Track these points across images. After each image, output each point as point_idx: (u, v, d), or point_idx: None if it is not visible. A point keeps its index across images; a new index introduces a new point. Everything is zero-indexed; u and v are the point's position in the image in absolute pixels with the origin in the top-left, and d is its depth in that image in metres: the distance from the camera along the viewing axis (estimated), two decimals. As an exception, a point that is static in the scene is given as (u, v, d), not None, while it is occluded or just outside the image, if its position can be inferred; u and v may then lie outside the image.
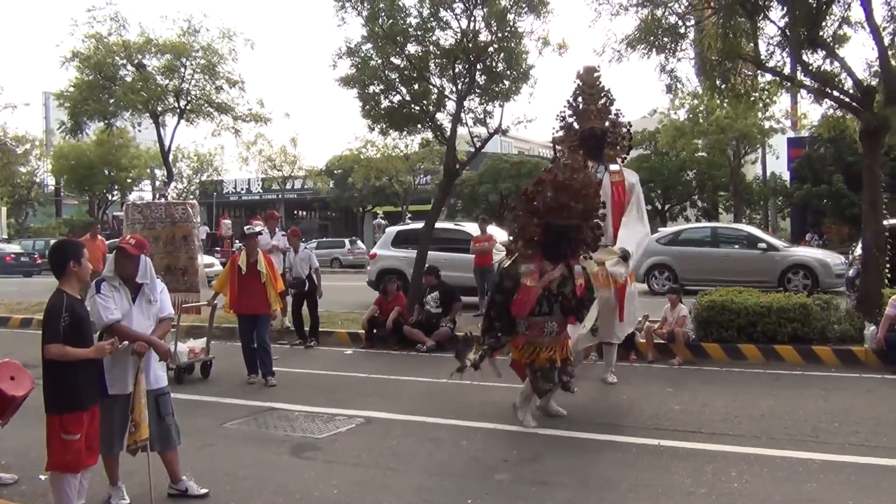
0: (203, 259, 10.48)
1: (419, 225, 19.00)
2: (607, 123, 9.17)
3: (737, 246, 18.42)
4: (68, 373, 4.65)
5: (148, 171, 43.21)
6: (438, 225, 15.76)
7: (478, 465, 6.13)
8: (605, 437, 6.79)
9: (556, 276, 7.08)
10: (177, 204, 10.54)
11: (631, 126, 9.40)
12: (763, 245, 17.78)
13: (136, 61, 18.91)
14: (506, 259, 7.79)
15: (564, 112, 9.24)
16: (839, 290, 14.57)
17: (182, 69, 18.81)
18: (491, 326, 7.43)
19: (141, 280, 5.24)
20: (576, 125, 9.18)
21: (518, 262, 7.24)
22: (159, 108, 19.17)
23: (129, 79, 18.82)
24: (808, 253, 18.73)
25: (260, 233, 10.85)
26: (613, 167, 8.99)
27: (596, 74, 9.28)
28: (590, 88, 9.21)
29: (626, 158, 9.34)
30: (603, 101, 9.20)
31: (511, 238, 7.50)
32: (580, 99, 9.23)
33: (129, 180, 46.22)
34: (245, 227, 11.34)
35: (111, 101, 18.51)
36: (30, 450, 5.95)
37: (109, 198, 47.31)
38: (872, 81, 11.38)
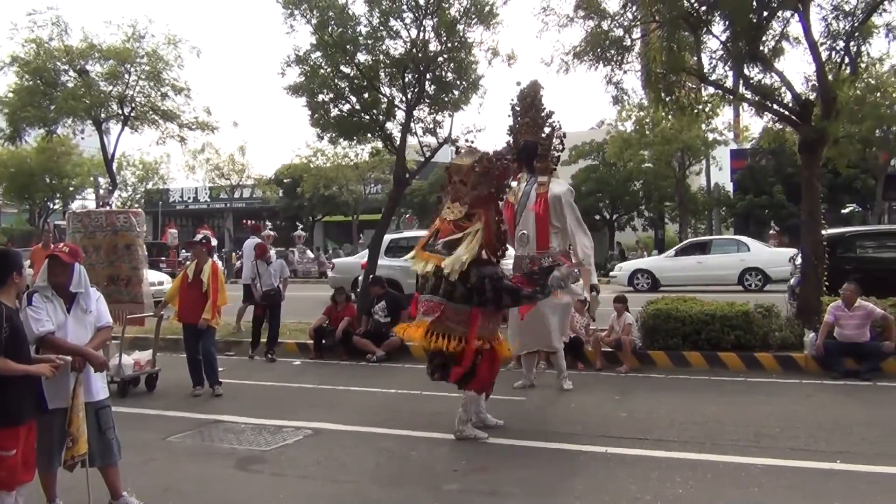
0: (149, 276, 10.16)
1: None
2: (544, 135, 9.41)
3: None
4: (3, 386, 4.48)
5: (91, 179, 42.07)
6: None
7: (427, 475, 6.12)
8: (554, 445, 6.83)
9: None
10: (119, 212, 10.27)
11: (564, 137, 9.58)
12: None
13: (78, 67, 18.50)
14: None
15: (511, 127, 9.54)
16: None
17: (126, 75, 18.44)
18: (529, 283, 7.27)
19: (75, 289, 5.08)
20: (511, 140, 9.49)
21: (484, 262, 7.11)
22: (102, 115, 18.76)
23: (70, 85, 18.39)
24: None
25: (203, 241, 10.61)
26: (542, 178, 9.25)
27: (527, 90, 9.50)
28: (521, 103, 9.47)
29: (554, 170, 9.51)
30: (532, 113, 9.41)
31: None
32: (515, 114, 9.52)
33: (71, 188, 44.96)
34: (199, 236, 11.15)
35: (52, 107, 18.07)
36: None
37: (51, 206, 46.01)
38: (811, 95, 11.69)
